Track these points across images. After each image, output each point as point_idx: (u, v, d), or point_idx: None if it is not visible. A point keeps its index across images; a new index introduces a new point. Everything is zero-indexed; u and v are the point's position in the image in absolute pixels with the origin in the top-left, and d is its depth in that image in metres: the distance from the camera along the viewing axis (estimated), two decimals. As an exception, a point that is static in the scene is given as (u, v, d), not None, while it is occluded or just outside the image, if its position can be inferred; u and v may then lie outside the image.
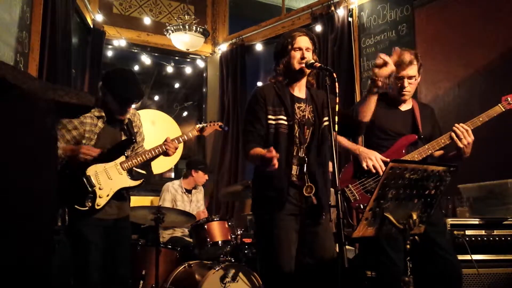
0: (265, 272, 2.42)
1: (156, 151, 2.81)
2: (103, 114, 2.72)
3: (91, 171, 2.66)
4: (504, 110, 2.64)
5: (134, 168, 2.84)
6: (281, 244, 2.22)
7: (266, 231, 2.27)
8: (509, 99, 2.67)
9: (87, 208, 2.61)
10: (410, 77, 2.65)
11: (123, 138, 2.81)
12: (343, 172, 2.68)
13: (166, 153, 2.83)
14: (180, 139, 2.90)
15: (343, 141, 2.69)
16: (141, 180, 2.82)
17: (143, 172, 3.26)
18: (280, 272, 2.20)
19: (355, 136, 2.48)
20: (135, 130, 2.88)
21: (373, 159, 2.56)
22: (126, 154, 2.79)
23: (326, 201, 2.34)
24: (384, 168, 2.55)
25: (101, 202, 2.65)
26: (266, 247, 2.29)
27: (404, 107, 2.76)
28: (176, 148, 2.85)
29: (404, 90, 2.67)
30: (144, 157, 2.79)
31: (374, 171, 2.55)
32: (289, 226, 2.25)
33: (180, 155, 5.41)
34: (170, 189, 4.64)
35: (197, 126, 3.06)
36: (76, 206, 2.61)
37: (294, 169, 2.29)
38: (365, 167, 2.56)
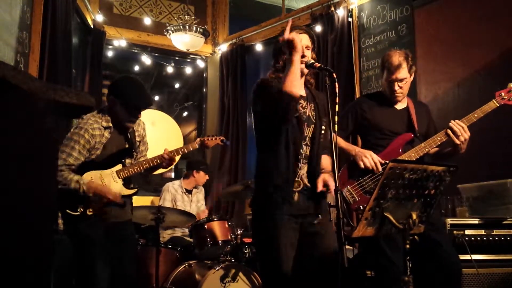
0: (264, 272, 2.40)
1: (154, 162, 2.82)
2: (111, 124, 2.73)
3: (86, 177, 2.66)
4: (498, 105, 2.63)
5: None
6: (279, 243, 2.21)
7: (265, 229, 2.25)
8: (502, 94, 2.65)
9: (78, 213, 2.61)
10: (400, 80, 2.65)
11: (126, 146, 2.83)
12: (340, 174, 2.67)
13: (161, 165, 2.85)
14: (180, 151, 2.91)
15: (341, 142, 2.67)
16: (135, 190, 2.83)
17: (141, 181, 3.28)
18: (279, 271, 2.19)
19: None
20: (138, 140, 2.89)
21: (368, 157, 2.57)
22: (124, 163, 2.79)
23: (323, 200, 2.34)
24: (379, 166, 2.56)
25: (93, 208, 2.65)
26: (265, 246, 2.28)
27: (399, 106, 2.77)
28: (172, 160, 2.87)
29: (395, 93, 2.68)
30: (140, 167, 2.79)
31: (370, 168, 2.56)
32: (287, 225, 2.23)
33: (180, 156, 5.41)
34: (170, 189, 4.64)
35: (198, 139, 3.09)
36: (67, 211, 2.60)
37: (296, 166, 2.28)
38: (362, 166, 2.57)
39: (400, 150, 2.63)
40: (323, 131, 2.35)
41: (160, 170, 3.10)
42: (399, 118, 2.73)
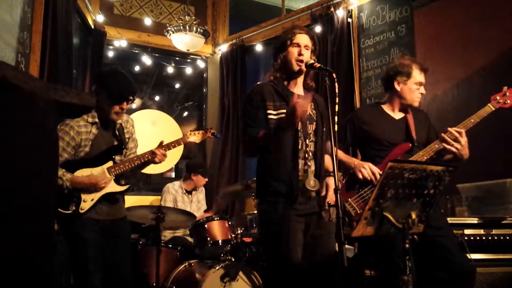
0: (274, 269, 2.36)
1: (145, 157, 2.78)
2: (97, 120, 2.71)
3: (77, 175, 2.64)
4: (494, 109, 2.64)
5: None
6: (289, 236, 2.20)
7: (275, 227, 2.23)
8: (497, 97, 2.67)
9: (70, 211, 2.59)
10: (424, 84, 2.76)
11: (115, 143, 2.80)
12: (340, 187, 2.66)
13: (154, 161, 2.80)
14: (171, 146, 2.86)
15: (340, 154, 2.64)
16: (127, 186, 2.80)
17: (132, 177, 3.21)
18: (289, 269, 2.19)
19: None
20: (127, 136, 2.87)
21: (367, 168, 2.57)
22: (114, 160, 2.77)
23: (324, 199, 2.34)
24: (378, 176, 2.55)
25: (85, 206, 2.62)
26: (274, 244, 2.26)
27: (397, 116, 2.78)
28: (165, 156, 2.81)
29: (419, 96, 2.77)
30: (132, 163, 2.76)
31: (369, 179, 2.56)
32: (295, 225, 2.23)
33: (181, 155, 5.43)
34: (171, 190, 4.65)
35: (188, 133, 3.05)
36: (59, 210, 2.58)
37: (300, 164, 2.27)
38: (360, 177, 2.57)
39: None
40: (324, 129, 2.36)
41: (161, 170, 3.08)
42: (397, 128, 2.74)
